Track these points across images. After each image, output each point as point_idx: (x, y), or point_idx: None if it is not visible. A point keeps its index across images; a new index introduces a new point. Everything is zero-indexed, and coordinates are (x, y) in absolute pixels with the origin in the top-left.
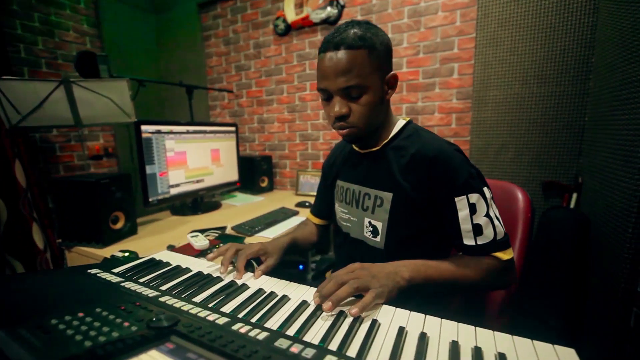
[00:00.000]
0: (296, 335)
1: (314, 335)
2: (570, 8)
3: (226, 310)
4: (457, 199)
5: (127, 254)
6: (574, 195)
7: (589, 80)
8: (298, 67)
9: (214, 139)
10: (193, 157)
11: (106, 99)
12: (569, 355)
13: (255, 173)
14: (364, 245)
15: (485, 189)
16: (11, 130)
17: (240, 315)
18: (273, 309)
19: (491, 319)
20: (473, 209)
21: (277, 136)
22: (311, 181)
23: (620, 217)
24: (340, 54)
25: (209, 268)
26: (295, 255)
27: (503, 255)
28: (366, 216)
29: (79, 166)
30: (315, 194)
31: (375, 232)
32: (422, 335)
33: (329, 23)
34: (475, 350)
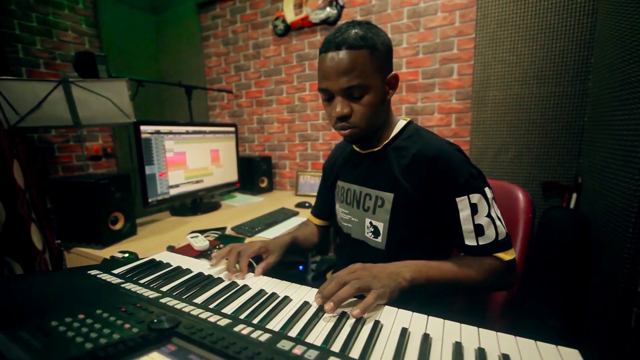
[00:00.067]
0: (298, 336)
1: (316, 337)
2: (569, 9)
3: (228, 312)
4: (459, 199)
5: (127, 255)
6: (573, 196)
7: (588, 81)
8: (297, 68)
9: (213, 140)
10: (192, 158)
11: (105, 100)
12: (573, 356)
13: (254, 173)
14: (365, 246)
15: (486, 189)
16: (9, 130)
17: (242, 317)
18: (275, 310)
19: (493, 320)
20: (474, 209)
21: (277, 136)
22: (311, 181)
23: (620, 217)
24: (341, 54)
25: (209, 269)
26: (295, 255)
27: (505, 256)
28: (367, 217)
29: (78, 167)
30: (315, 194)
31: (376, 233)
32: (425, 336)
33: (329, 23)
34: (479, 351)
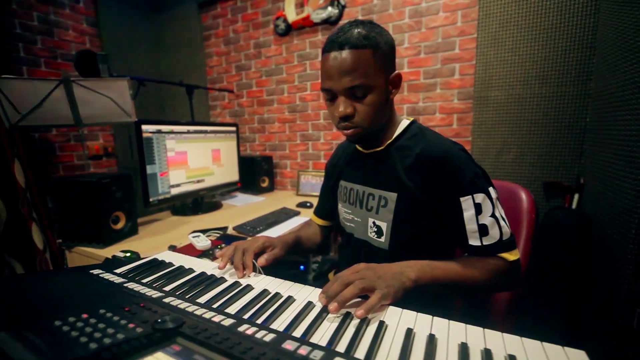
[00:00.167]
0: (303, 337)
1: (321, 337)
2: (571, 9)
3: (231, 312)
4: (463, 199)
5: (129, 255)
6: (575, 196)
7: (590, 81)
8: (299, 67)
9: (214, 139)
10: (194, 157)
11: (106, 99)
12: (580, 357)
13: (255, 173)
14: (368, 246)
15: (490, 189)
16: (11, 129)
17: (246, 317)
18: (279, 310)
19: (496, 320)
20: (479, 209)
21: (278, 136)
22: (312, 181)
23: (623, 218)
24: (344, 53)
25: (212, 269)
26: (298, 255)
27: (509, 256)
28: (370, 216)
29: (79, 166)
30: (316, 194)
31: (379, 233)
32: (431, 337)
33: (330, 23)
34: (485, 352)
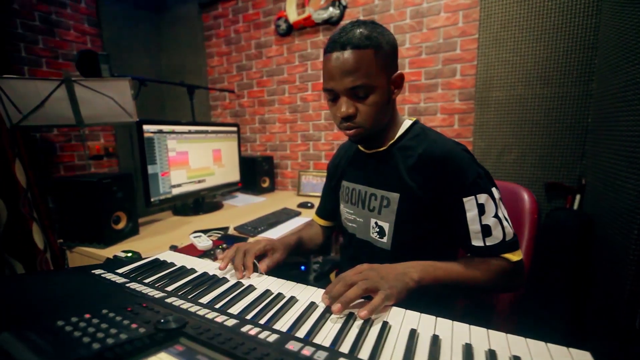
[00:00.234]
0: (306, 337)
1: (324, 338)
2: (572, 9)
3: (234, 312)
4: (466, 199)
5: (130, 255)
6: (577, 197)
7: (592, 82)
8: (300, 68)
9: (215, 139)
10: (195, 157)
11: (108, 99)
12: (585, 358)
13: (256, 173)
14: (370, 246)
15: (493, 190)
16: (12, 129)
17: (249, 317)
18: (282, 311)
19: (498, 321)
20: (482, 210)
21: (279, 136)
22: (313, 182)
23: (625, 219)
24: (346, 53)
25: (214, 269)
26: (300, 256)
27: (512, 257)
28: (372, 217)
29: (80, 166)
30: (317, 194)
31: (381, 233)
32: (435, 337)
33: (331, 23)
34: (490, 353)
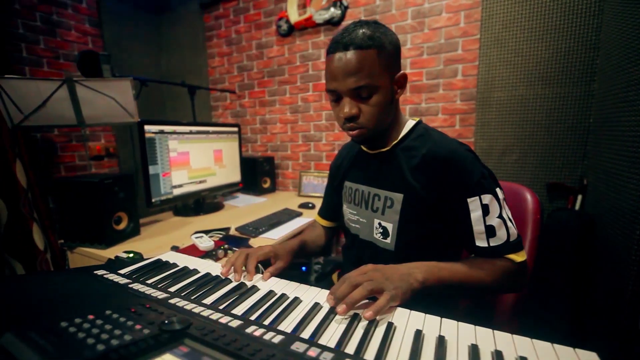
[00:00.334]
0: (311, 338)
1: (329, 339)
2: (574, 10)
3: (238, 313)
4: (470, 199)
5: (132, 255)
6: (578, 197)
7: (593, 82)
8: (301, 68)
9: (216, 140)
10: (196, 158)
11: (109, 99)
12: (591, 359)
13: (257, 174)
14: (374, 247)
15: (497, 190)
16: (13, 129)
17: (253, 318)
18: (286, 312)
19: (500, 321)
20: (486, 210)
21: (280, 137)
22: (314, 182)
23: (627, 219)
24: (349, 54)
25: (217, 270)
26: (303, 258)
27: (516, 257)
28: (376, 217)
29: (80, 166)
30: (318, 195)
31: (385, 234)
32: (441, 338)
33: (333, 24)
34: (496, 354)
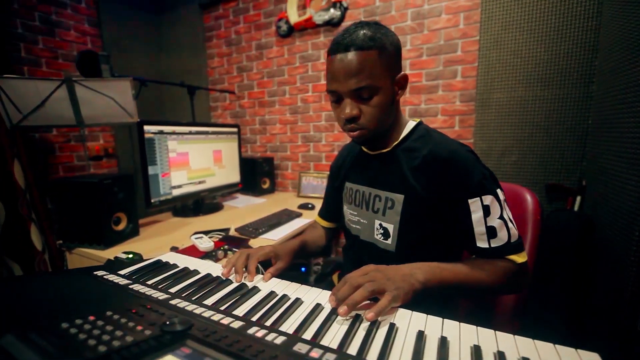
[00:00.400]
0: (313, 339)
1: (331, 339)
2: (573, 11)
3: (239, 314)
4: (471, 200)
5: (131, 256)
6: (577, 198)
7: (592, 84)
8: (300, 69)
9: (216, 140)
10: (195, 158)
11: (108, 99)
12: None
13: (256, 174)
14: (375, 248)
15: (498, 191)
16: (11, 129)
17: (254, 319)
18: (287, 313)
19: (501, 322)
20: (487, 211)
21: (279, 137)
22: (313, 183)
23: (625, 220)
24: (350, 55)
25: (217, 270)
26: (303, 258)
27: (517, 258)
28: (377, 218)
29: (79, 167)
30: (317, 195)
31: (386, 235)
32: (443, 339)
33: (332, 25)
34: (499, 354)
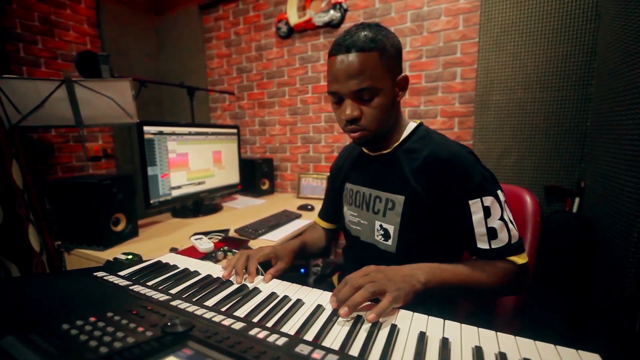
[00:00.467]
0: (314, 340)
1: (332, 341)
2: (572, 14)
3: (240, 315)
4: (471, 202)
5: (131, 257)
6: (576, 200)
7: (590, 86)
8: (300, 70)
9: (215, 141)
10: (195, 159)
11: (108, 99)
12: None
13: (256, 175)
14: (375, 249)
15: (499, 192)
16: (10, 129)
17: (255, 320)
18: (288, 314)
19: (501, 324)
20: (487, 212)
21: (278, 139)
22: (313, 184)
23: (624, 221)
24: (351, 56)
25: (218, 271)
26: (303, 259)
27: (518, 259)
28: (377, 219)
29: (78, 167)
30: (316, 196)
31: (386, 236)
32: (445, 340)
33: (332, 26)
34: (500, 355)
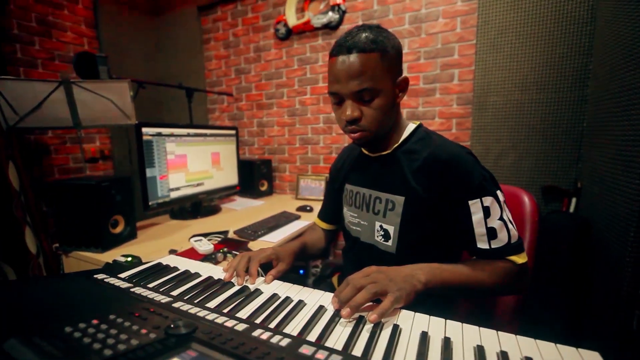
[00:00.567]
0: (317, 341)
1: (335, 341)
2: (568, 16)
3: (243, 316)
4: (471, 202)
5: (130, 259)
6: (573, 200)
7: (587, 87)
8: (299, 71)
9: (214, 142)
10: (193, 161)
11: (106, 101)
12: (594, 359)
13: (254, 177)
14: (375, 250)
15: (498, 192)
16: (7, 131)
17: (258, 321)
18: (291, 315)
19: (500, 323)
20: (487, 213)
21: (277, 140)
22: (311, 185)
23: (621, 221)
24: (352, 57)
25: (218, 273)
26: (302, 260)
27: (518, 259)
28: (377, 220)
29: (75, 169)
30: (315, 198)
31: (386, 236)
32: (446, 340)
33: (331, 28)
34: (502, 354)
